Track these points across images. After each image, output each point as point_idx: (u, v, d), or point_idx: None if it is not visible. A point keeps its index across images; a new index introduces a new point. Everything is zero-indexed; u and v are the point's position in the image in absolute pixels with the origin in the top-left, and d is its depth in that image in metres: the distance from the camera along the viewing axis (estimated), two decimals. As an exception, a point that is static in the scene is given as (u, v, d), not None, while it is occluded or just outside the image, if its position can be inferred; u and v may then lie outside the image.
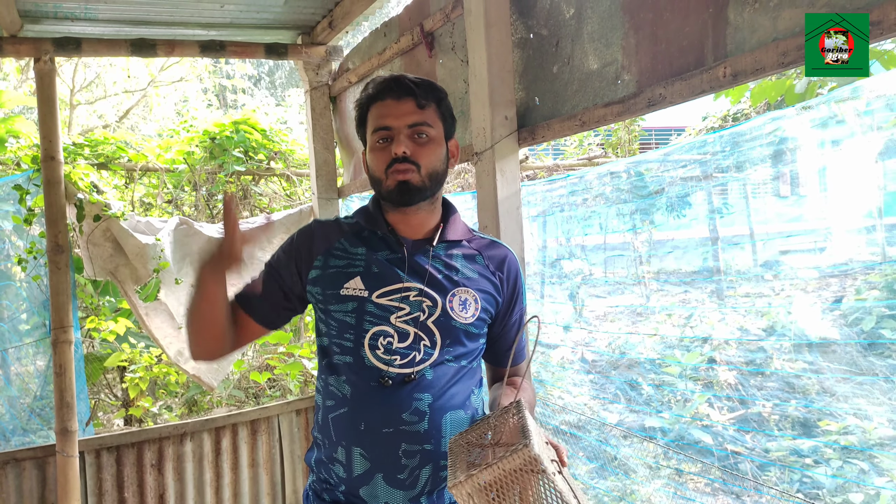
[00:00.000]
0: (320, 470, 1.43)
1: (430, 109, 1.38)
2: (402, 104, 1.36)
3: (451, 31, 2.64)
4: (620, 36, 1.89)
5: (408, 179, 1.34)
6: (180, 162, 4.47)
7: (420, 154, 1.35)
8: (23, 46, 3.14)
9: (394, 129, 1.35)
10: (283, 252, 1.47)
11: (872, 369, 3.02)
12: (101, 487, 3.33)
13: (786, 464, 3.14)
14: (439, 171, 1.39)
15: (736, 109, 6.50)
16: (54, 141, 3.19)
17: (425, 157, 1.36)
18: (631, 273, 4.24)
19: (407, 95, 1.36)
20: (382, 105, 1.37)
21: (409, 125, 1.35)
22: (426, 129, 1.36)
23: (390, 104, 1.36)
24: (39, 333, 3.54)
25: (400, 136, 1.34)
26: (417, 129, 1.36)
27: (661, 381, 3.65)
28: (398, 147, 1.33)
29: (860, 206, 3.35)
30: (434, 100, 1.39)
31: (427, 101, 1.37)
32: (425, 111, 1.37)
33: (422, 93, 1.37)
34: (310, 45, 3.59)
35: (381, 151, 1.36)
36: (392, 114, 1.35)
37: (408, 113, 1.35)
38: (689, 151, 3.57)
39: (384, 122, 1.36)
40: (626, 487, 3.35)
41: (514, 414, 1.19)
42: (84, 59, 8.32)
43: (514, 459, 1.04)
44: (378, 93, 1.38)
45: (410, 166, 1.34)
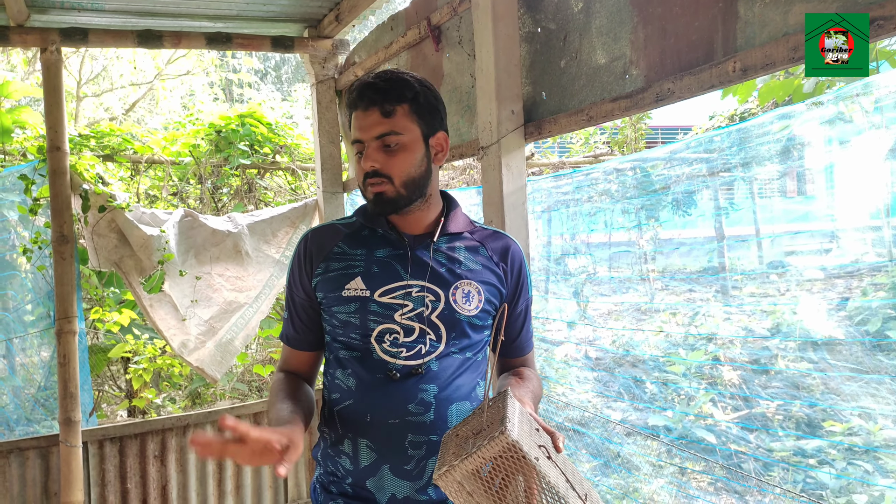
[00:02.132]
0: (327, 463, 1.44)
1: (399, 114, 1.32)
2: (368, 115, 1.32)
3: (458, 25, 2.63)
4: (629, 30, 1.88)
5: (382, 191, 1.34)
6: (186, 155, 4.47)
7: (390, 165, 1.33)
8: (30, 36, 3.15)
9: (364, 143, 1.33)
10: (292, 275, 1.48)
11: (879, 368, 3.00)
12: (104, 478, 3.34)
13: (790, 463, 3.13)
14: (416, 177, 1.35)
15: (743, 109, 6.46)
16: (60, 131, 3.20)
17: (396, 168, 1.33)
18: (636, 271, 4.22)
19: (371, 106, 1.31)
20: (356, 116, 1.34)
21: (376, 136, 1.32)
22: (395, 137, 1.32)
23: (359, 115, 1.33)
24: (44, 324, 3.55)
25: (369, 149, 1.32)
26: (385, 139, 1.32)
27: (666, 379, 3.64)
28: (366, 163, 1.33)
29: (868, 205, 3.33)
30: (405, 101, 1.32)
31: (393, 106, 1.31)
32: (393, 118, 1.32)
33: (387, 99, 1.31)
34: (316, 38, 3.59)
35: (358, 164, 1.37)
36: (361, 126, 1.33)
37: (373, 125, 1.31)
38: (696, 149, 3.55)
39: (356, 134, 1.35)
40: (630, 485, 3.35)
41: (500, 402, 1.18)
42: (91, 52, 8.33)
43: (491, 447, 1.04)
44: (351, 102, 1.36)
45: (382, 179, 1.33)
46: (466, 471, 1.06)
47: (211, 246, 3.68)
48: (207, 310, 3.70)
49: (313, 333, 1.47)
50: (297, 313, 1.46)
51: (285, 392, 1.40)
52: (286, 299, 1.50)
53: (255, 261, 3.79)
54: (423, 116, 1.35)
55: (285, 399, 1.37)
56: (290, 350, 1.50)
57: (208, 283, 3.70)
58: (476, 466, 1.05)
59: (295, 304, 1.46)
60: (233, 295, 3.76)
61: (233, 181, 4.71)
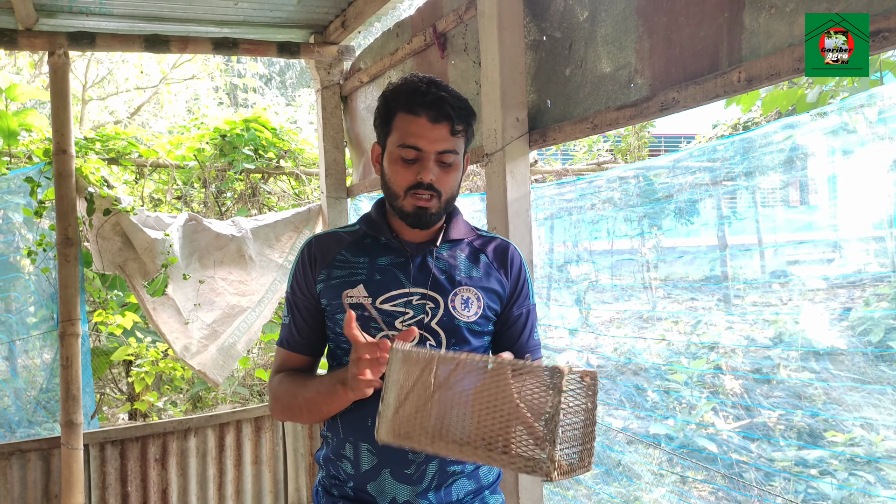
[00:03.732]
0: (329, 466, 1.45)
1: (460, 135, 1.35)
2: (436, 128, 1.31)
3: (463, 33, 2.65)
4: (634, 39, 1.89)
5: (428, 207, 1.34)
6: (190, 158, 4.49)
7: (443, 181, 1.34)
8: (38, 40, 3.17)
9: (424, 153, 1.32)
10: (296, 279, 1.47)
11: (881, 379, 3.00)
12: (105, 480, 3.34)
13: (791, 473, 3.12)
14: (455, 194, 1.40)
15: (747, 118, 6.47)
16: (66, 134, 3.21)
17: (447, 185, 1.35)
18: (638, 279, 4.23)
19: (443, 120, 1.31)
20: (415, 122, 1.32)
21: (440, 151, 1.32)
22: (453, 156, 1.34)
23: (424, 124, 1.31)
24: (47, 326, 3.56)
25: (429, 162, 1.32)
26: (445, 155, 1.33)
27: (667, 388, 3.64)
28: (426, 175, 1.32)
29: (871, 216, 3.33)
30: (467, 124, 1.36)
31: (461, 126, 1.34)
32: (457, 137, 1.34)
33: (459, 118, 1.33)
34: (322, 44, 3.60)
35: (405, 170, 1.34)
36: (425, 136, 1.31)
37: (441, 139, 1.32)
38: (699, 158, 3.56)
39: (415, 141, 1.32)
40: (631, 493, 3.34)
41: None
42: (96, 56, 8.37)
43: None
44: (412, 105, 1.32)
45: (432, 193, 1.33)
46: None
47: (214, 250, 3.69)
48: (210, 314, 3.70)
49: (316, 337, 1.47)
50: (301, 316, 1.46)
51: (298, 375, 1.45)
52: (287, 303, 1.49)
53: (259, 265, 3.80)
54: (469, 140, 1.40)
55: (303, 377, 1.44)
56: (288, 354, 1.49)
57: (211, 286, 3.71)
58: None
59: (298, 307, 1.46)
60: (236, 299, 3.77)
61: (237, 185, 4.72)
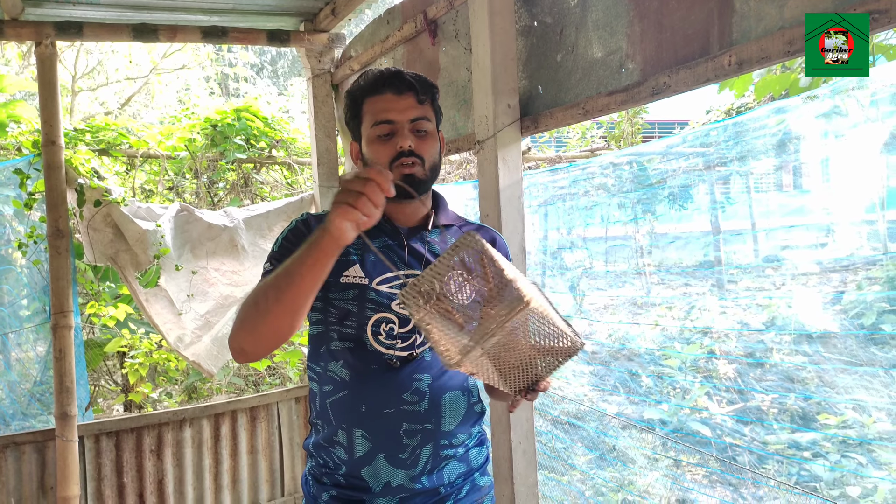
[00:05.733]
0: (320, 454, 1.44)
1: (427, 104, 1.41)
2: (403, 99, 1.38)
3: (454, 19, 2.63)
4: (625, 24, 1.88)
5: (413, 173, 1.36)
6: (181, 149, 4.46)
7: (422, 148, 1.38)
8: (24, 30, 3.13)
9: (397, 124, 1.37)
10: (293, 236, 1.40)
11: (873, 361, 3.02)
12: (100, 472, 3.34)
13: (784, 456, 3.15)
14: (437, 164, 1.43)
15: (740, 103, 6.47)
16: (55, 125, 3.18)
17: (427, 151, 1.38)
18: (632, 265, 4.23)
19: (408, 90, 1.38)
20: (381, 99, 1.38)
21: (411, 119, 1.37)
22: (426, 123, 1.40)
23: (391, 98, 1.38)
24: (40, 318, 3.54)
25: (404, 130, 1.36)
26: (418, 123, 1.38)
27: (661, 373, 3.65)
28: (404, 141, 1.35)
29: (863, 199, 3.34)
30: (431, 94, 1.43)
31: (425, 95, 1.40)
32: (425, 106, 1.41)
33: (421, 88, 1.40)
34: (312, 32, 3.57)
35: (384, 145, 1.37)
36: (394, 108, 1.37)
37: (410, 107, 1.38)
38: (692, 143, 3.56)
39: (386, 115, 1.37)
40: (625, 478, 3.36)
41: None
42: (86, 46, 8.29)
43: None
44: (377, 86, 1.39)
45: (415, 160, 1.36)
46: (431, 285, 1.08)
47: (207, 240, 3.68)
48: (203, 304, 3.69)
49: None
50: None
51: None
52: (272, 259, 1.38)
53: (251, 255, 3.79)
54: (437, 113, 1.45)
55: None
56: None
57: (204, 277, 3.70)
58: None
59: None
60: (229, 289, 3.76)
61: (229, 175, 4.70)
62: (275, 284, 1.17)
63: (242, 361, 1.32)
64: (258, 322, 1.20)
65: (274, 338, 1.24)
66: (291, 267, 1.15)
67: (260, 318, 1.20)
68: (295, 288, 1.15)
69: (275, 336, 1.23)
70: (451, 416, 1.40)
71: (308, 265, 1.13)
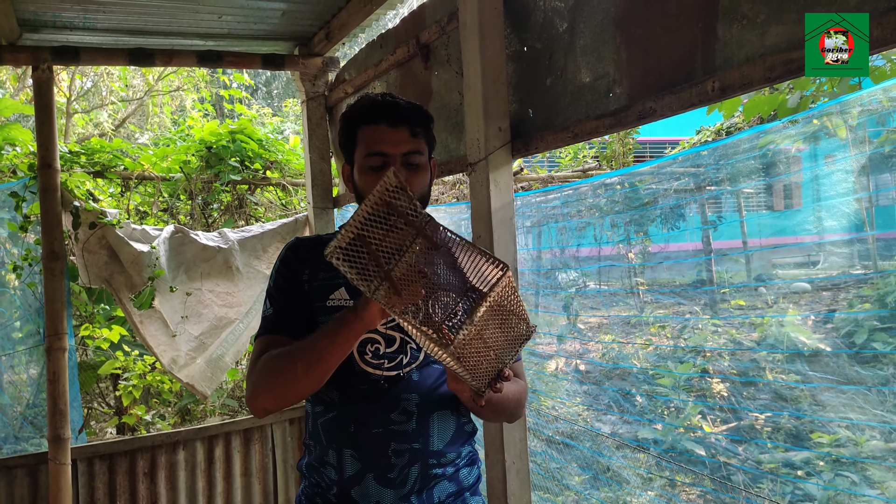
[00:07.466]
0: (312, 474, 1.46)
1: (420, 136, 1.41)
2: (397, 132, 1.37)
3: (446, 44, 2.67)
4: (612, 50, 1.92)
5: None
6: (176, 171, 4.48)
7: (413, 182, 1.38)
8: (21, 55, 3.16)
9: (390, 157, 1.37)
10: (280, 274, 1.46)
11: (865, 380, 3.03)
12: (94, 496, 3.32)
13: (778, 475, 3.15)
14: (426, 196, 1.44)
15: (729, 123, 6.54)
16: (51, 149, 3.21)
17: (417, 185, 1.39)
18: (625, 284, 4.26)
19: (403, 124, 1.38)
20: (376, 129, 1.38)
21: (404, 153, 1.37)
22: (418, 157, 1.39)
23: (385, 130, 1.37)
24: (33, 341, 3.54)
25: (396, 163, 1.36)
26: (411, 157, 1.38)
27: (654, 392, 3.66)
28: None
29: (851, 219, 3.38)
30: (425, 126, 1.42)
31: (419, 128, 1.40)
32: (418, 139, 1.40)
33: (415, 120, 1.39)
34: (307, 56, 3.62)
35: (375, 176, 1.37)
36: (388, 140, 1.37)
37: (403, 141, 1.37)
38: (683, 164, 3.60)
39: (380, 147, 1.37)
40: (619, 498, 3.35)
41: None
42: (81, 68, 8.33)
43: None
44: (373, 115, 1.39)
45: None
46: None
47: (201, 262, 3.69)
48: (198, 326, 3.70)
49: (304, 325, 1.41)
50: (290, 305, 1.42)
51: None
52: (270, 297, 1.45)
53: (246, 276, 3.80)
54: (430, 142, 1.45)
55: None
56: (274, 338, 1.41)
57: (199, 299, 3.70)
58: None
59: (286, 299, 1.43)
60: (223, 311, 3.76)
61: (223, 197, 4.72)
62: (304, 358, 1.28)
63: (263, 417, 1.43)
64: (286, 389, 1.32)
65: (298, 399, 1.37)
66: (321, 344, 1.27)
67: (288, 386, 1.32)
68: (324, 364, 1.28)
69: (299, 398, 1.37)
70: (440, 435, 1.41)
71: (338, 345, 1.25)
